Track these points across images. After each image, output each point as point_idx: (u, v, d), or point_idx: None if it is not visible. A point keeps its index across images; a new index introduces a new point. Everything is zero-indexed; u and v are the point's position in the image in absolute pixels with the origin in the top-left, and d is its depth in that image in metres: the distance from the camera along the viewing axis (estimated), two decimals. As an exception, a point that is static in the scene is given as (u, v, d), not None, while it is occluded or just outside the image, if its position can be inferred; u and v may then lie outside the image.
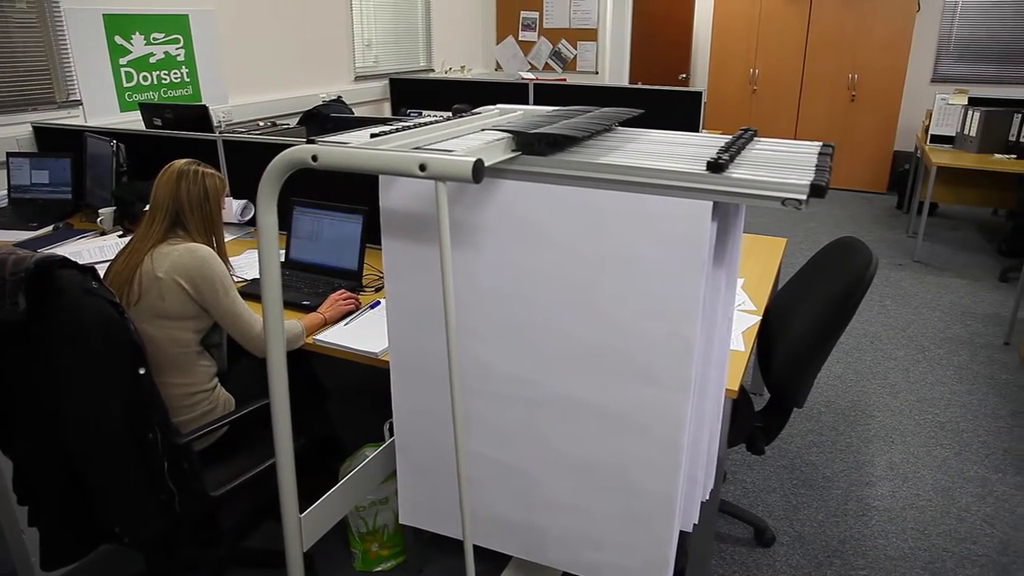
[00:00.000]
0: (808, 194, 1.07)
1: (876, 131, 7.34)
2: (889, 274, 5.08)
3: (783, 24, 7.36)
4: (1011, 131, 5.46)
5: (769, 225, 6.18)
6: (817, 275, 2.10)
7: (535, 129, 1.28)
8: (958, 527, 2.57)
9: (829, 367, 3.68)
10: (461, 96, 5.64)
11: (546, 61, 7.74)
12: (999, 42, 7.30)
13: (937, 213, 6.75)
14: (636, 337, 1.28)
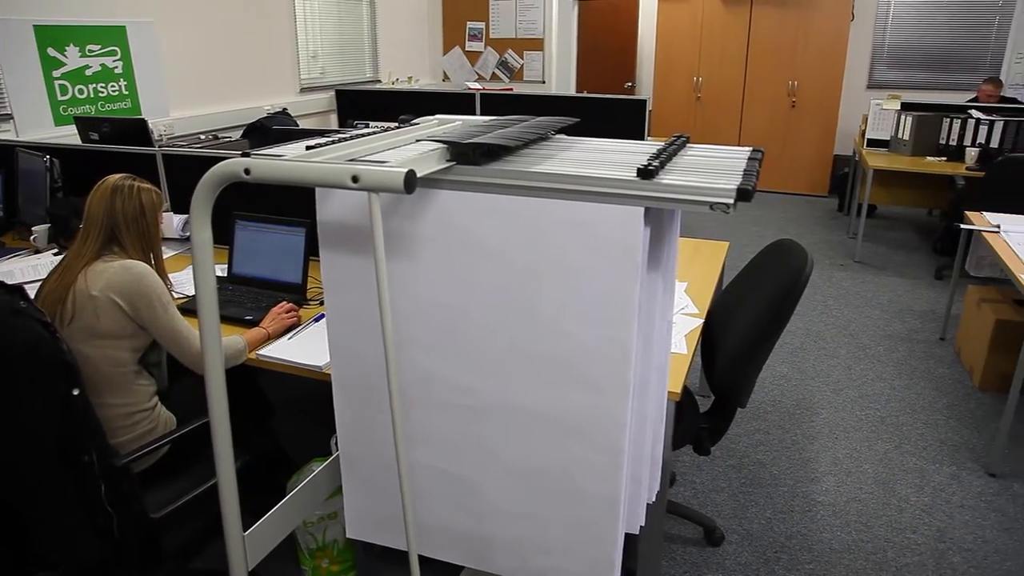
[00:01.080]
0: (735, 198, 1.09)
1: (816, 136, 7.54)
2: (831, 274, 5.22)
3: (725, 33, 7.53)
4: (941, 134, 5.67)
5: (715, 229, 6.29)
6: (756, 277, 2.15)
7: (469, 139, 1.29)
8: (898, 517, 2.65)
9: (774, 367, 3.76)
10: (408, 107, 5.64)
11: (493, 71, 7.78)
12: (929, 50, 7.59)
13: (876, 214, 6.95)
14: (574, 342, 1.29)
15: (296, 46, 5.79)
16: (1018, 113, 5.67)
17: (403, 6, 7.26)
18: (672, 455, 2.95)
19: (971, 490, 2.82)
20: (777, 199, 7.56)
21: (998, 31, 7.37)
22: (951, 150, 5.61)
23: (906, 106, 5.90)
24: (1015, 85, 7.34)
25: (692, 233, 6.03)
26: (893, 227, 6.63)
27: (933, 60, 7.60)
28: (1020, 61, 7.37)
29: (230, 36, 5.07)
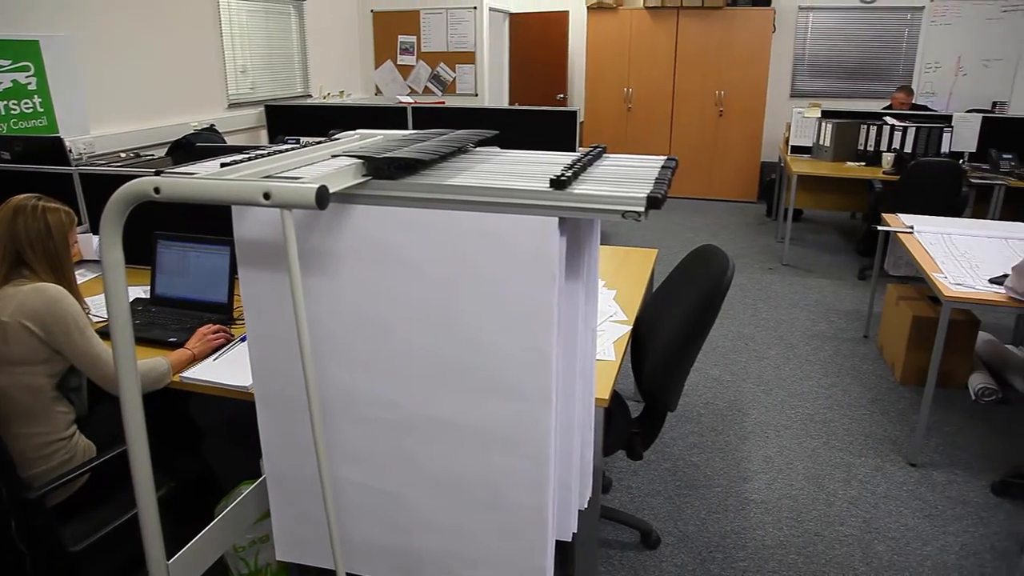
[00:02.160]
0: (645, 206, 1.12)
1: (744, 144, 7.76)
2: (760, 278, 5.36)
3: (653, 45, 7.69)
4: (859, 141, 5.89)
5: (649, 237, 6.41)
6: (680, 283, 2.20)
7: (385, 153, 1.29)
8: (827, 511, 2.73)
9: (706, 370, 3.84)
10: (340, 122, 5.60)
11: (425, 85, 7.78)
12: (846, 60, 7.90)
13: (802, 219, 7.18)
14: (495, 353, 1.30)
15: (223, 61, 5.69)
16: (929, 119, 5.95)
17: (333, 20, 7.21)
18: (607, 461, 2.99)
19: (894, 480, 2.93)
20: (709, 206, 7.74)
21: (908, 42, 7.72)
22: (869, 155, 5.84)
23: (826, 114, 6.12)
24: (926, 93, 7.70)
25: (627, 241, 6.14)
26: (819, 230, 6.86)
27: (850, 70, 7.91)
28: (929, 71, 7.73)
29: (154, 50, 4.95)
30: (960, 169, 5.13)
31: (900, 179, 5.10)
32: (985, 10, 7.47)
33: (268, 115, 6.05)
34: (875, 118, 5.97)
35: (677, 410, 3.42)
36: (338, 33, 7.33)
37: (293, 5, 6.58)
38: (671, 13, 7.54)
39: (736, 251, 6.06)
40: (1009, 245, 3.42)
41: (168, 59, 5.10)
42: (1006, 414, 3.46)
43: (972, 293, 2.84)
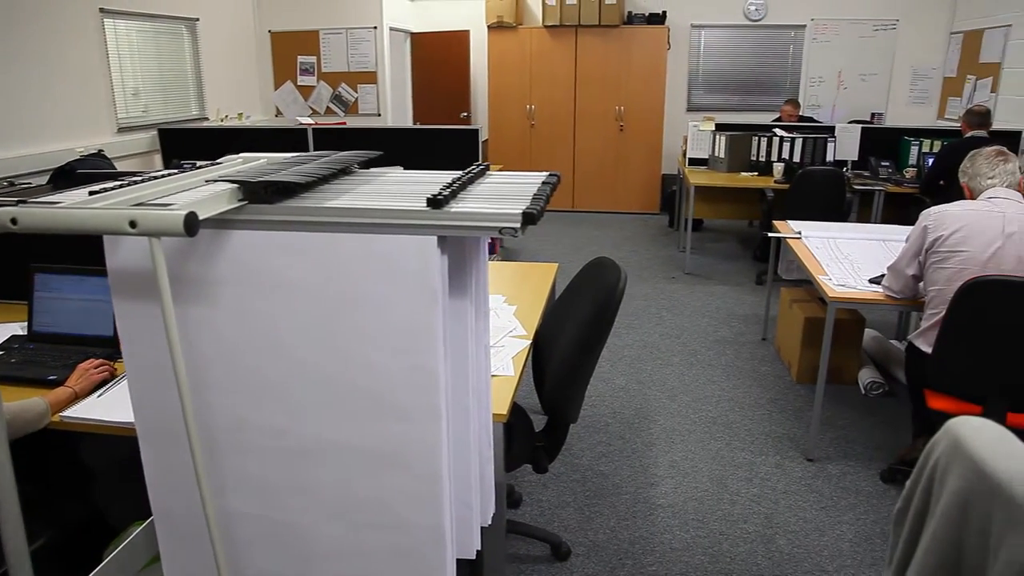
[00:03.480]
0: (521, 222, 1.14)
1: (644, 157, 7.99)
2: (664, 287, 5.51)
3: (553, 63, 7.84)
4: (752, 152, 6.16)
5: (553, 251, 6.50)
6: (576, 295, 2.24)
7: (262, 177, 1.27)
8: (731, 510, 2.82)
9: (613, 379, 3.92)
10: (238, 144, 5.46)
11: (327, 105, 7.69)
12: (737, 75, 8.26)
13: (703, 228, 7.43)
14: (383, 374, 1.29)
15: (111, 83, 5.47)
16: (814, 131, 6.28)
17: (229, 40, 7.05)
18: (515, 476, 3.00)
19: (793, 476, 3.05)
20: (613, 218, 7.92)
21: (793, 58, 8.13)
22: (761, 165, 6.11)
23: (720, 127, 6.38)
24: (812, 106, 8.13)
25: (533, 256, 6.21)
26: (718, 239, 7.12)
27: (741, 84, 8.27)
28: (814, 85, 8.16)
29: (30, 72, 4.72)
30: (843, 176, 5.42)
31: (789, 187, 5.35)
32: (859, 28, 7.96)
33: (162, 139, 5.84)
34: (765, 130, 6.25)
35: (585, 420, 3.47)
36: (234, 54, 7.17)
37: (185, 25, 6.41)
38: (569, 31, 7.71)
39: (640, 262, 6.22)
40: (887, 247, 3.63)
41: (47, 81, 4.86)
42: (892, 406, 3.66)
43: (854, 293, 3.00)
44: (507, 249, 6.54)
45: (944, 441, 1.08)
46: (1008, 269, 2.52)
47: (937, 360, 2.60)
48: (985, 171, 2.79)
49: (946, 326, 2.55)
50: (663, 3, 7.88)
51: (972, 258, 2.57)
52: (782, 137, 6.08)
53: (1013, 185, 2.74)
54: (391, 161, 5.08)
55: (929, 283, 2.73)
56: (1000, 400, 2.52)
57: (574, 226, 7.54)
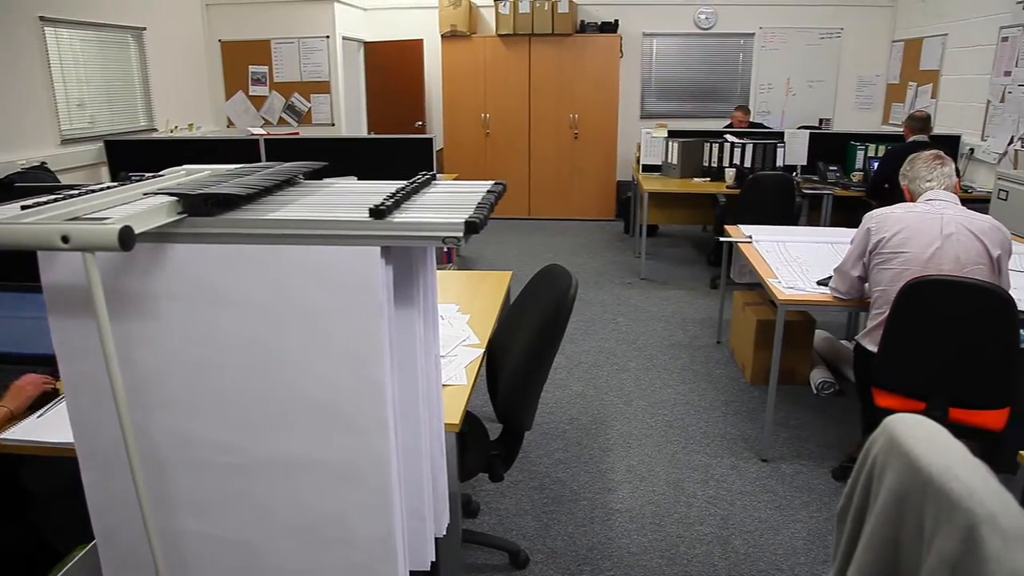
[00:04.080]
0: (464, 231, 1.14)
1: (599, 164, 8.06)
2: (620, 293, 5.56)
3: (507, 71, 7.87)
4: (704, 158, 6.25)
5: (510, 259, 6.51)
6: (528, 303, 2.25)
7: (202, 190, 1.25)
8: (688, 513, 2.85)
9: (570, 386, 3.94)
10: (188, 156, 5.36)
11: (280, 115, 7.62)
12: (689, 82, 8.38)
13: (658, 234, 7.52)
14: (330, 386, 1.28)
15: (53, 94, 5.34)
16: (764, 136, 6.40)
17: (178, 50, 6.93)
18: (473, 485, 2.99)
19: (748, 476, 3.09)
20: (569, 225, 7.97)
21: (743, 66, 8.29)
22: (713, 171, 6.21)
23: (673, 133, 6.46)
24: (762, 112, 8.29)
25: (490, 265, 6.21)
26: (673, 244, 7.21)
27: (693, 91, 8.40)
28: (763, 91, 8.33)
29: (-30, 88, 4.59)
30: (793, 181, 5.54)
31: (740, 192, 5.44)
32: (806, 37, 8.15)
33: (109, 151, 5.71)
34: (717, 136, 6.36)
35: (543, 427, 3.48)
36: (184, 64, 7.06)
37: (132, 35, 6.29)
38: (523, 40, 7.75)
39: (596, 268, 6.26)
40: (835, 249, 3.71)
41: (-11, 95, 4.74)
42: (843, 404, 3.74)
43: (802, 295, 3.06)
44: (464, 258, 6.53)
45: (881, 439, 1.11)
46: (947, 269, 2.59)
47: (882, 359, 2.67)
48: (924, 174, 2.87)
49: (890, 325, 2.61)
50: (615, 12, 7.96)
51: (913, 258, 2.64)
52: (733, 143, 6.19)
53: (950, 188, 2.83)
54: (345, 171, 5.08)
55: (873, 284, 2.80)
56: (941, 396, 2.59)
57: (530, 234, 7.57)
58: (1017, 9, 5.63)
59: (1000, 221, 4.57)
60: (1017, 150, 5.54)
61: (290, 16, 7.41)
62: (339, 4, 7.44)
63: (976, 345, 2.51)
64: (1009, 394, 2.56)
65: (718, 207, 5.78)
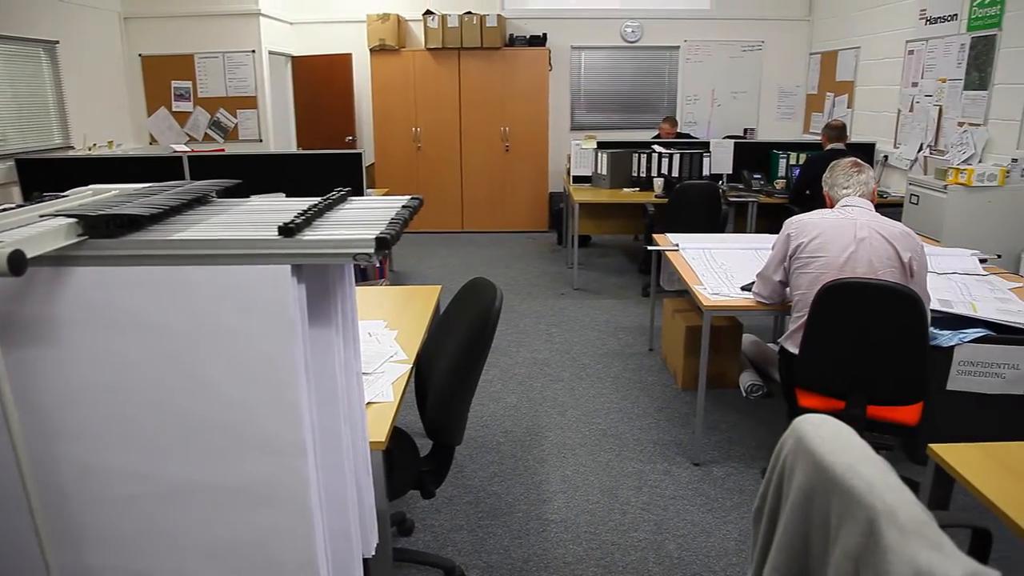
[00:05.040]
0: (375, 248, 1.13)
1: (531, 176, 8.12)
2: (553, 303, 5.60)
3: (437, 85, 7.87)
4: (633, 168, 6.36)
5: (442, 272, 6.50)
6: (454, 318, 2.24)
7: (104, 210, 1.21)
8: (622, 520, 2.87)
9: (504, 398, 3.94)
10: (107, 174, 5.19)
11: (205, 131, 7.45)
12: (617, 94, 8.54)
13: (591, 244, 7.61)
14: (244, 408, 1.25)
15: (-41, 114, 5.10)
16: (690, 146, 6.55)
17: (95, 65, 6.71)
18: (406, 502, 2.96)
19: (680, 481, 3.14)
20: (504, 238, 8.00)
21: (669, 78, 8.48)
22: (642, 181, 6.33)
23: (602, 144, 6.56)
24: (689, 122, 8.49)
25: (422, 279, 6.18)
26: (606, 254, 7.30)
27: (622, 103, 8.56)
28: (690, 103, 8.54)
29: None
30: (719, 189, 5.68)
31: (668, 202, 5.56)
32: (729, 49, 8.40)
33: (20, 170, 5.48)
34: (645, 147, 6.48)
35: (477, 441, 3.47)
36: (101, 79, 6.83)
37: (44, 49, 6.06)
38: (452, 53, 7.77)
39: (529, 280, 6.30)
40: (759, 255, 3.82)
41: None
42: (771, 406, 3.84)
43: (727, 301, 3.13)
44: (396, 273, 6.48)
45: (790, 439, 1.14)
46: (861, 272, 2.69)
47: (803, 360, 2.75)
48: (841, 181, 2.98)
49: (809, 327, 2.70)
50: (544, 26, 8.06)
51: (830, 263, 2.73)
52: (661, 153, 6.32)
53: (867, 194, 2.94)
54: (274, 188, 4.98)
55: (794, 287, 2.89)
56: (859, 394, 2.68)
57: (464, 247, 7.57)
58: (920, 24, 5.92)
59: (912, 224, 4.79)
60: (926, 157, 5.81)
61: (214, 30, 7.26)
62: (265, 18, 7.33)
63: (889, 344, 2.61)
64: (922, 390, 2.67)
65: (647, 216, 5.89)
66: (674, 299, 4.43)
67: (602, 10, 8.23)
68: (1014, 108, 4.77)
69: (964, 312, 3.02)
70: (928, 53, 5.83)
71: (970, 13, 5.29)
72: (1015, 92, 4.78)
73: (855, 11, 7.15)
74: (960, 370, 2.98)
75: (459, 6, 7.87)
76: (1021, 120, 4.70)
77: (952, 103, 5.49)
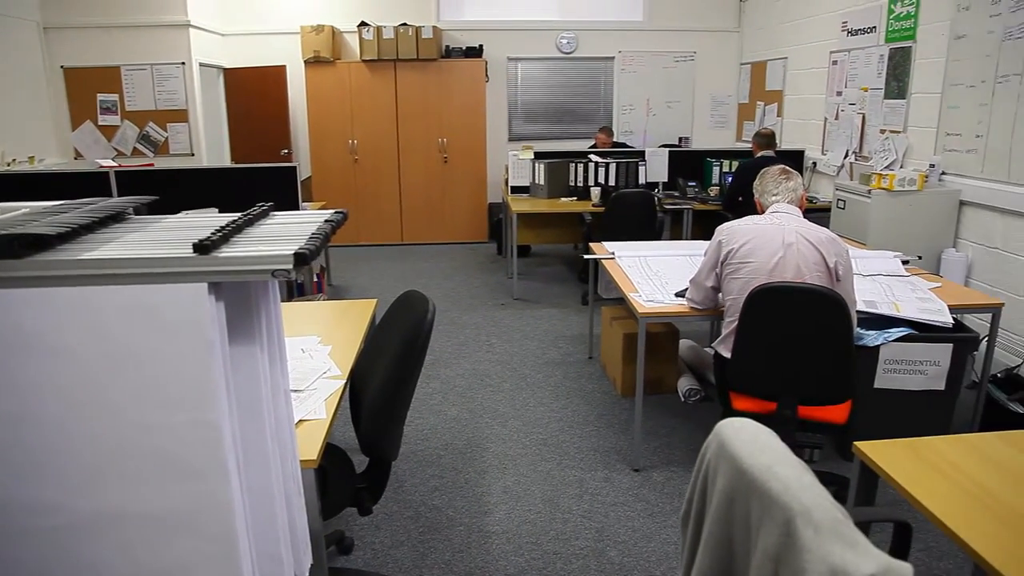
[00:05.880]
0: (294, 263, 1.11)
1: (470, 188, 8.12)
2: (493, 314, 5.60)
3: (373, 96, 7.82)
4: (570, 178, 6.42)
5: (381, 286, 6.44)
6: (387, 331, 2.22)
7: (7, 230, 1.16)
8: (563, 529, 2.88)
9: (444, 411, 3.91)
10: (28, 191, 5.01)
11: (134, 146, 7.24)
12: (554, 105, 8.62)
13: (531, 254, 7.64)
14: (162, 432, 1.21)
15: None
16: (626, 155, 6.65)
17: (13, 78, 6.46)
18: (347, 520, 2.91)
19: (621, 487, 3.17)
20: (443, 249, 7.97)
21: (605, 88, 8.60)
22: (580, 190, 6.39)
23: (539, 155, 6.61)
24: (625, 132, 8.61)
25: (362, 293, 6.12)
26: (546, 263, 7.34)
27: (559, 114, 8.64)
28: (625, 112, 8.67)
29: None
30: (654, 198, 5.76)
31: (605, 210, 5.62)
32: (662, 60, 8.57)
33: (-66, 189, 5.24)
34: (582, 157, 6.55)
35: (417, 455, 3.43)
36: (20, 92, 6.58)
37: (-41, 64, 5.82)
38: (388, 65, 7.74)
39: (469, 291, 6.29)
40: (692, 261, 3.88)
41: None
42: (709, 410, 3.90)
43: (661, 308, 3.18)
44: (335, 287, 6.40)
45: (713, 443, 1.16)
46: (789, 276, 2.76)
47: (735, 364, 2.81)
48: (771, 188, 3.06)
49: (740, 332, 2.75)
50: (480, 37, 8.09)
51: (759, 268, 2.80)
52: (597, 163, 6.39)
53: (795, 201, 3.02)
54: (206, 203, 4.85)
55: (725, 293, 2.95)
56: (790, 396, 2.75)
57: (403, 260, 7.52)
58: (843, 36, 6.13)
59: (839, 228, 4.95)
60: (852, 163, 6.02)
61: (141, 41, 7.07)
62: (195, 29, 7.18)
63: (817, 346, 2.68)
64: (849, 389, 2.75)
65: (585, 225, 5.94)
66: (612, 307, 4.48)
67: (538, 22, 8.31)
68: (930, 116, 4.98)
69: (888, 312, 3.13)
70: (851, 63, 6.05)
71: (887, 25, 5.51)
72: (930, 100, 4.99)
73: (781, 23, 7.38)
74: (886, 368, 3.08)
75: (394, 18, 7.84)
76: (936, 127, 4.90)
77: (874, 111, 5.70)
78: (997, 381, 3.69)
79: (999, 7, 4.30)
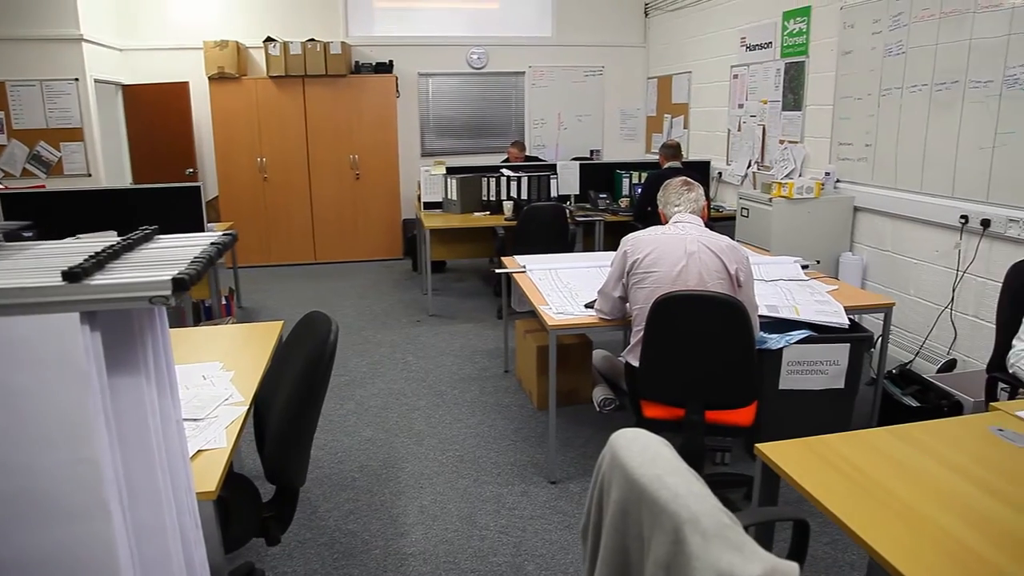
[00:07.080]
0: (172, 290, 1.07)
1: (383, 204, 8.05)
2: (409, 331, 5.55)
3: (281, 113, 7.67)
4: (483, 192, 6.44)
5: (293, 306, 6.29)
6: (290, 354, 2.17)
7: None
8: (481, 545, 2.86)
9: (359, 432, 3.85)
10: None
11: (24, 167, 6.87)
12: (466, 120, 8.65)
13: (446, 269, 7.62)
14: (35, 473, 1.14)
15: None
16: (538, 169, 6.72)
17: None
18: (257, 551, 2.81)
19: (538, 501, 3.17)
20: (357, 267, 7.87)
21: (516, 102, 8.70)
22: (492, 205, 6.42)
23: (451, 170, 6.60)
24: (537, 146, 8.72)
25: (272, 315, 5.97)
26: (461, 278, 7.34)
27: (471, 128, 8.68)
28: (537, 126, 8.77)
29: None
30: (565, 210, 5.85)
31: (518, 224, 5.66)
32: (571, 74, 8.72)
33: None
34: (494, 171, 6.58)
35: (331, 479, 3.36)
36: None
37: None
38: (296, 81, 7.60)
39: (384, 308, 6.22)
40: (601, 272, 3.93)
41: None
42: (625, 419, 3.96)
43: (571, 319, 3.21)
44: (245, 309, 6.21)
45: (608, 455, 1.17)
46: (692, 284, 2.83)
47: (643, 372, 2.86)
48: (673, 199, 3.14)
49: (646, 340, 2.81)
50: (390, 52, 8.04)
51: (663, 277, 2.87)
52: (509, 177, 6.44)
53: (697, 211, 3.11)
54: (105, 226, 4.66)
55: (632, 302, 3.00)
56: (697, 401, 2.82)
57: (316, 279, 7.37)
58: (742, 51, 6.38)
59: (743, 236, 5.12)
60: (754, 172, 6.26)
61: (29, 56, 6.72)
62: (89, 44, 6.87)
63: (720, 352, 2.76)
64: (753, 392, 2.84)
65: (498, 239, 5.97)
66: (525, 320, 4.50)
67: (448, 37, 8.33)
68: (824, 126, 5.23)
69: (789, 316, 3.25)
70: (750, 77, 6.30)
71: (782, 41, 5.77)
72: (824, 112, 5.24)
73: (685, 38, 7.63)
74: (789, 370, 3.20)
75: (301, 33, 7.72)
76: (831, 137, 5.15)
77: (773, 122, 5.95)
78: (892, 377, 3.88)
79: (879, 25, 4.56)
